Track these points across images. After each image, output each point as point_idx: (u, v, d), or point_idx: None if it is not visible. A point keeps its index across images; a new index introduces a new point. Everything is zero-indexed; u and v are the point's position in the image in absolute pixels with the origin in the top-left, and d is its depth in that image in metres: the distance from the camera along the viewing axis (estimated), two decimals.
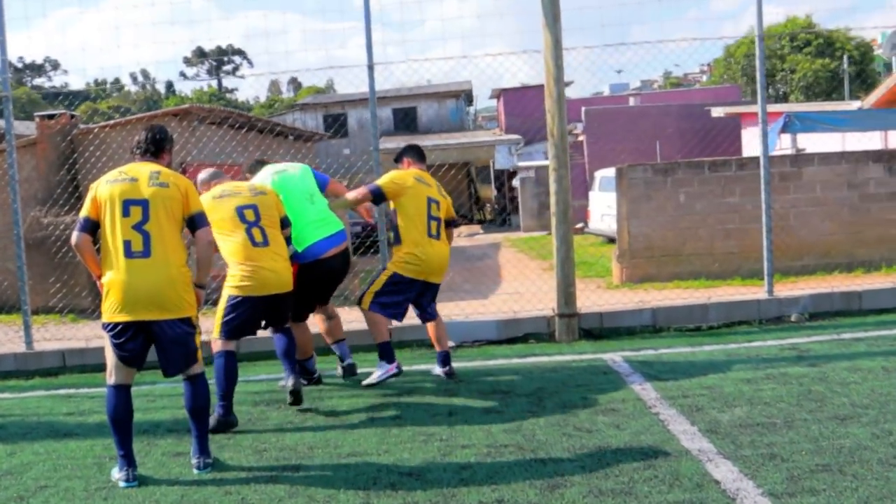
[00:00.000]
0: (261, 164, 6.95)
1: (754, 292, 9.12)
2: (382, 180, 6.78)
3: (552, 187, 8.13)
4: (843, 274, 11.07)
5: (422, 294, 6.85)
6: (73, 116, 15.47)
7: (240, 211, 5.97)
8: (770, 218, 8.78)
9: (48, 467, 5.21)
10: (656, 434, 5.09)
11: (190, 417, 5.03)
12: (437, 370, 6.97)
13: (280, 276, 6.00)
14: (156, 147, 4.93)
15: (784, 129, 15.33)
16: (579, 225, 25.38)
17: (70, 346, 8.73)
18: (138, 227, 4.67)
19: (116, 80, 72.45)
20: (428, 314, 6.96)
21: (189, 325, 4.84)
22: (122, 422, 4.79)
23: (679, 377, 6.45)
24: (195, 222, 4.87)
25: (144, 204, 4.69)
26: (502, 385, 6.58)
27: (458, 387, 6.63)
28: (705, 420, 5.30)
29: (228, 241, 5.95)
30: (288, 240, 6.27)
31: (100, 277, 4.80)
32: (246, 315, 5.98)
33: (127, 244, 4.65)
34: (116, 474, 4.83)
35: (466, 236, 27.25)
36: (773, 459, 4.51)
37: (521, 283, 11.59)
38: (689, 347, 7.55)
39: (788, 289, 9.21)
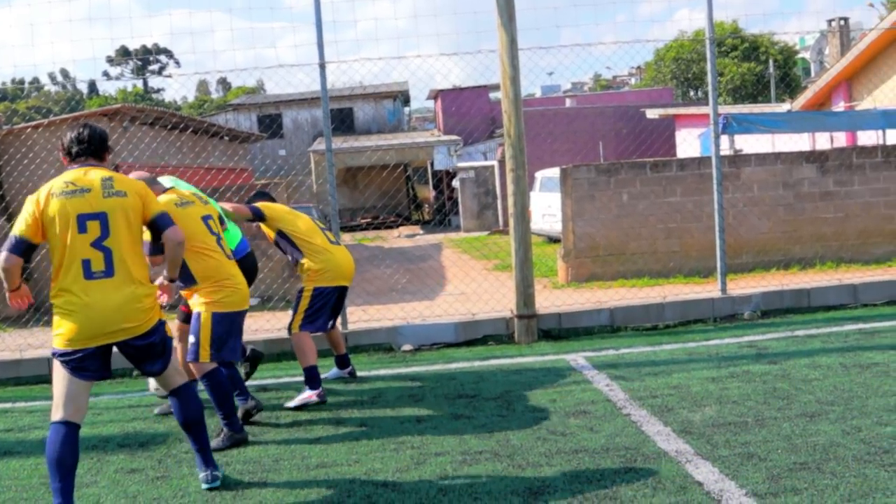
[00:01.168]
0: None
1: (708, 291, 9.16)
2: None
3: (510, 188, 8.04)
4: (781, 271, 11.24)
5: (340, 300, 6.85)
6: None
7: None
8: (723, 217, 8.84)
9: None
10: (631, 436, 5.02)
11: (184, 431, 4.64)
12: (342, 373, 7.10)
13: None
14: (100, 147, 4.42)
15: (723, 131, 15.54)
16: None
17: (2, 359, 8.31)
18: (97, 244, 4.18)
19: (35, 80, 70.56)
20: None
21: (158, 332, 4.40)
22: (66, 466, 4.11)
23: (644, 377, 6.41)
24: (158, 225, 4.44)
25: (102, 217, 4.20)
26: (467, 389, 6.46)
27: (422, 392, 6.48)
28: (678, 420, 5.25)
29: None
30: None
31: (14, 292, 4.32)
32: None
33: (86, 264, 4.16)
34: None
35: (407, 237, 27.11)
36: (750, 459, 4.48)
37: (466, 284, 11.49)
38: (650, 347, 7.52)
39: (740, 287, 9.27)
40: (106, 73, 72.95)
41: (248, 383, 6.85)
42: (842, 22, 25.14)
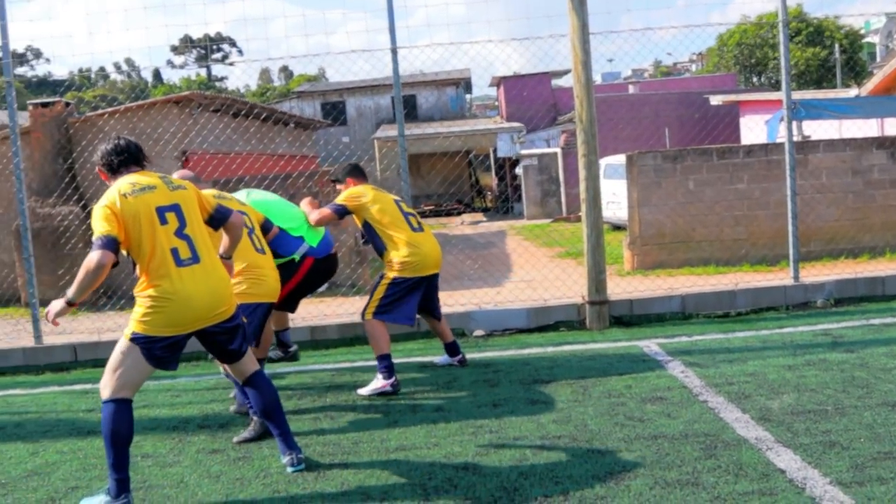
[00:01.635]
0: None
1: (780, 278, 9.05)
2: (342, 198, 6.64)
3: (581, 173, 8.03)
4: (850, 260, 11.04)
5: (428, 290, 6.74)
6: (67, 104, 15.27)
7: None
8: (795, 204, 8.71)
9: (76, 467, 5.07)
10: (710, 423, 5.00)
11: (265, 419, 4.77)
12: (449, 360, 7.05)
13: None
14: (139, 154, 4.54)
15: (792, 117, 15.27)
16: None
17: (82, 340, 8.56)
18: (180, 234, 4.35)
19: (101, 69, 71.89)
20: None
21: (239, 316, 4.59)
22: (127, 440, 4.29)
23: (719, 364, 6.37)
24: (222, 213, 4.69)
25: (176, 209, 4.39)
26: (542, 374, 6.48)
27: (497, 377, 6.52)
28: (756, 408, 5.21)
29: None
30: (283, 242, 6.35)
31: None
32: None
33: (175, 252, 4.31)
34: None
35: (470, 224, 27.13)
36: (832, 447, 4.43)
37: (531, 271, 11.51)
38: (722, 334, 7.46)
39: (811, 275, 9.14)
40: (170, 62, 74.06)
41: (317, 366, 6.97)
42: None
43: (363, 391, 6.31)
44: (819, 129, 17.58)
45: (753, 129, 20.13)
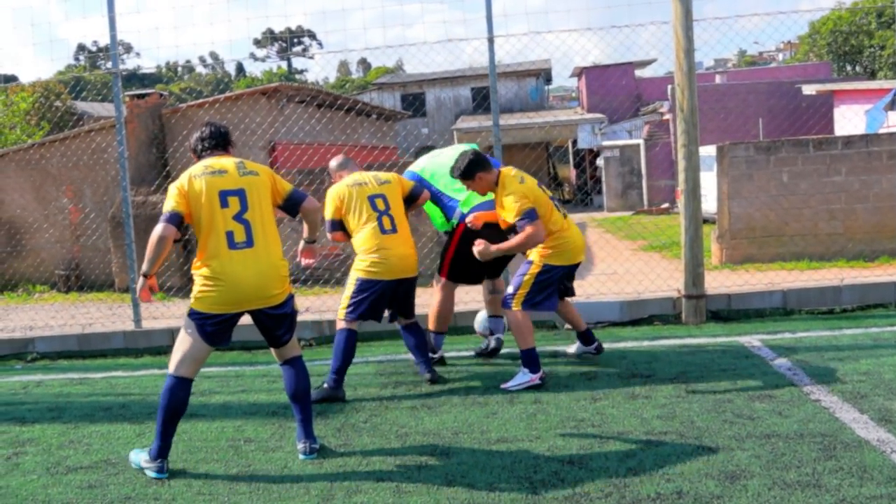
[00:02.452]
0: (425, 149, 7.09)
1: (889, 274, 8.68)
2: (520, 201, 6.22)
3: (680, 164, 7.80)
4: None
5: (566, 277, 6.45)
6: (161, 96, 15.53)
7: (371, 200, 6.23)
8: None
9: (182, 449, 5.08)
10: (825, 422, 4.78)
11: (292, 402, 4.89)
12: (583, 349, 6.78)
13: (406, 261, 6.19)
14: (225, 141, 4.85)
15: (892, 106, 14.76)
16: (665, 205, 24.92)
17: (179, 325, 8.63)
18: (238, 218, 4.56)
19: (188, 62, 73.24)
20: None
21: (290, 305, 4.75)
22: (178, 415, 4.63)
23: (829, 362, 6.10)
24: (295, 198, 4.82)
25: (241, 193, 4.59)
26: (641, 369, 6.30)
27: (594, 370, 6.36)
28: (874, 408, 4.97)
29: (360, 229, 6.21)
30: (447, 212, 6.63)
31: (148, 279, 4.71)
32: (374, 298, 6.12)
33: (230, 235, 4.53)
34: (146, 462, 4.64)
35: None
36: None
37: (614, 264, 11.28)
38: (829, 331, 7.17)
39: None
40: (252, 55, 75.21)
41: (408, 356, 6.91)
42: None
43: (509, 385, 5.98)
44: None
45: (850, 120, 19.50)
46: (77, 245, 14.59)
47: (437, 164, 6.78)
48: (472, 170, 6.01)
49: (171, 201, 4.60)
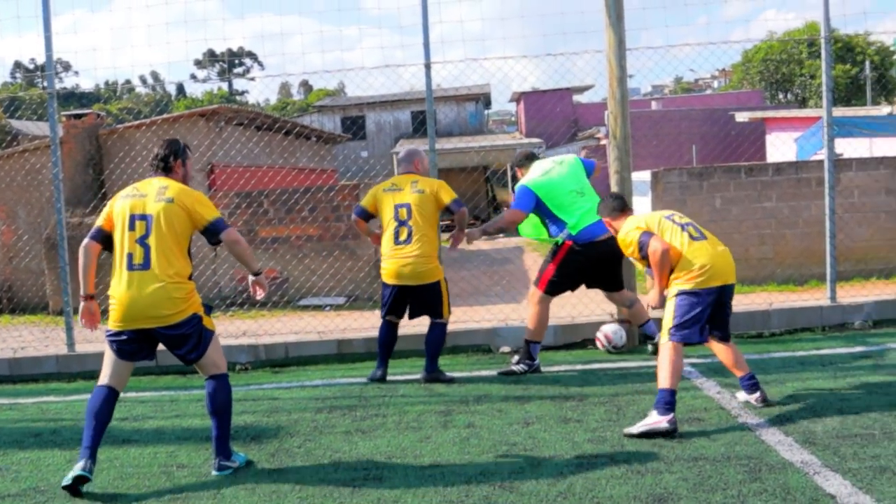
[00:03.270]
0: (530, 158, 7.48)
1: (816, 298, 8.90)
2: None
3: (614, 190, 7.92)
4: (882, 281, 10.85)
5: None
6: (98, 116, 15.33)
7: (396, 209, 6.86)
8: (834, 224, 8.56)
9: (113, 475, 5.02)
10: (752, 445, 4.88)
11: (210, 417, 4.98)
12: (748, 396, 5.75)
13: (412, 269, 6.82)
14: (163, 163, 5.04)
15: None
16: None
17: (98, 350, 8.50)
18: (141, 241, 4.82)
19: (127, 82, 72.34)
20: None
21: (190, 325, 4.88)
22: (101, 421, 4.83)
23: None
24: (212, 228, 4.93)
25: (148, 219, 4.83)
26: (573, 392, 6.37)
27: (527, 393, 6.41)
28: (798, 430, 5.09)
29: (384, 233, 6.95)
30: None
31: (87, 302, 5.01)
32: (390, 299, 6.99)
33: (129, 256, 4.81)
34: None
35: (487, 239, 27.00)
36: (883, 472, 4.31)
37: None
38: (757, 355, 7.31)
39: (848, 295, 8.98)
40: (193, 76, 74.60)
41: (345, 380, 6.87)
42: None
43: (631, 430, 5.23)
44: (849, 148, 17.43)
45: (780, 147, 19.99)
46: (9, 267, 14.28)
47: (552, 184, 7.10)
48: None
49: (101, 217, 4.98)
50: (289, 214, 12.81)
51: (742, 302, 8.70)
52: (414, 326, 8.50)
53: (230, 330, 9.47)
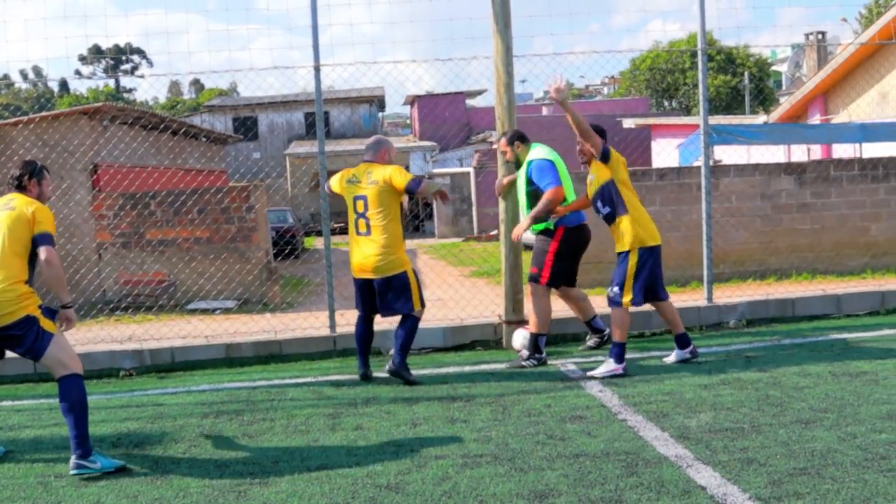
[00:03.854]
0: (523, 139, 7.67)
1: (694, 299, 9.23)
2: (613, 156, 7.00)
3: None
4: (758, 282, 11.34)
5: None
6: None
7: (354, 200, 6.85)
8: (710, 227, 8.91)
9: None
10: (630, 441, 5.06)
11: (65, 417, 5.09)
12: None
13: (373, 261, 6.76)
14: (18, 181, 5.31)
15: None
16: (494, 231, 25.52)
17: None
18: None
19: (6, 77, 69.66)
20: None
21: (21, 327, 5.02)
22: None
23: (636, 383, 6.45)
24: (35, 243, 5.11)
25: None
26: (461, 393, 6.46)
27: (416, 395, 6.48)
28: (674, 426, 5.29)
29: (348, 225, 6.96)
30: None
31: None
32: (357, 293, 7.06)
33: None
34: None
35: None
36: (750, 464, 4.52)
37: (440, 290, 11.49)
38: (639, 353, 7.56)
39: (724, 296, 9.35)
40: (78, 72, 72.28)
41: (233, 384, 6.83)
42: (819, 36, 25.47)
43: (596, 373, 6.72)
44: (729, 155, 18.10)
45: (664, 153, 20.60)
46: None
47: (562, 164, 7.47)
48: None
49: None
50: (177, 216, 12.62)
51: (563, 307, 8.94)
52: (293, 331, 8.51)
53: (115, 335, 9.28)
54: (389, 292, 6.81)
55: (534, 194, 7.32)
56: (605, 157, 6.86)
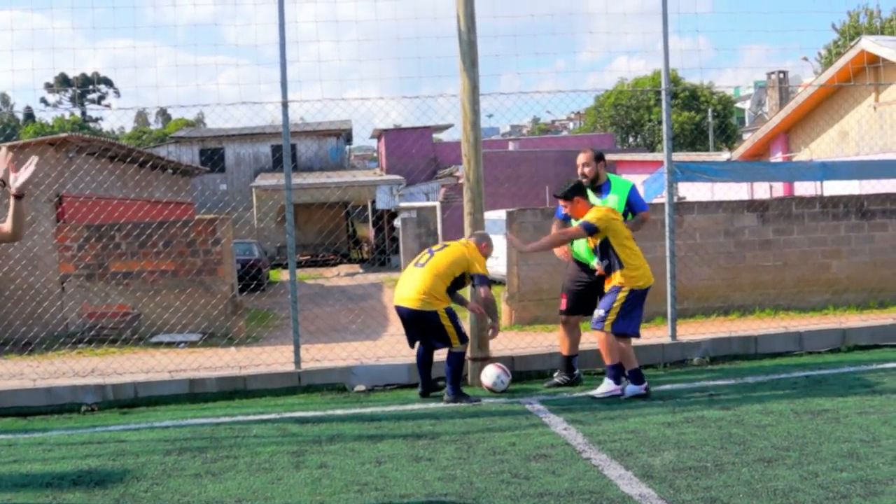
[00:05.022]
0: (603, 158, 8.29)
1: (658, 336, 9.29)
2: (592, 217, 7.27)
3: (467, 231, 8.12)
4: (721, 318, 11.44)
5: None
6: None
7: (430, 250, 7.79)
8: (674, 265, 9.00)
9: None
10: (594, 480, 5.07)
11: None
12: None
13: (401, 289, 7.62)
14: None
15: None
16: None
17: None
18: None
19: None
20: None
21: None
22: None
23: (601, 421, 6.48)
24: None
25: None
26: (426, 430, 6.45)
27: (381, 432, 6.46)
28: (638, 464, 5.32)
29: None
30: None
31: None
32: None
33: None
34: None
35: (346, 275, 27.00)
36: (714, 503, 4.55)
37: None
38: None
39: (688, 333, 9.43)
40: (44, 100, 71.71)
41: (196, 420, 6.77)
42: (781, 75, 25.93)
43: (595, 393, 7.31)
44: (692, 191, 18.31)
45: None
46: None
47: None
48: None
49: None
50: (142, 248, 12.53)
51: (590, 339, 9.01)
52: (257, 366, 8.46)
53: (77, 368, 9.16)
54: (412, 322, 7.65)
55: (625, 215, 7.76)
56: (593, 233, 7.27)
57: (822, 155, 19.42)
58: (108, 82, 66.53)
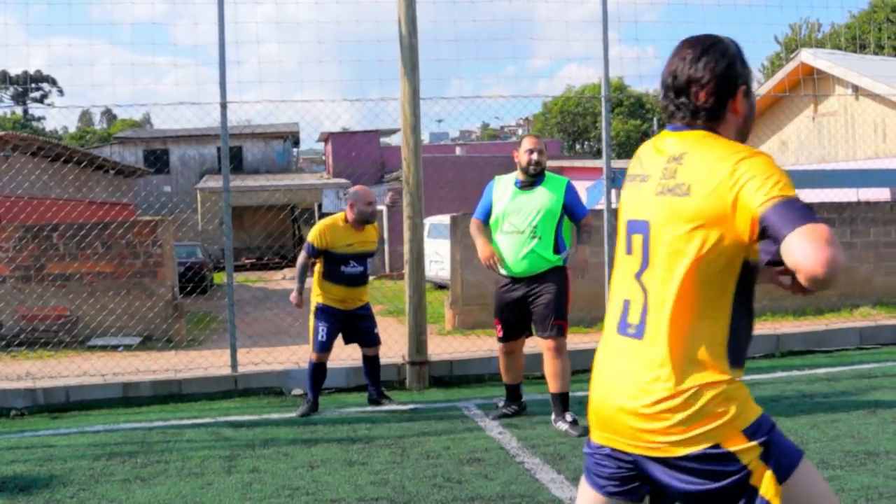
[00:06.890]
0: None
1: (597, 341, 9.35)
2: None
3: (406, 235, 8.13)
4: None
5: None
6: None
7: None
8: (611, 270, 9.09)
9: None
10: (526, 483, 5.09)
11: None
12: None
13: None
14: None
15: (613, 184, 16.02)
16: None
17: None
18: None
19: None
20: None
21: None
22: None
23: (536, 425, 6.52)
24: None
25: None
26: (361, 435, 6.43)
27: (315, 437, 6.42)
28: (571, 468, 5.35)
29: None
30: None
31: None
32: None
33: None
34: None
35: (291, 279, 26.78)
36: None
37: None
38: (541, 395, 7.59)
39: None
40: None
41: (128, 425, 6.67)
42: None
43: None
44: None
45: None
46: None
47: None
48: None
49: None
50: (80, 249, 12.32)
51: (530, 344, 9.06)
52: (193, 370, 8.37)
53: (8, 372, 8.99)
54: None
55: (562, 216, 6.78)
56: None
57: None
58: (52, 80, 65.43)
